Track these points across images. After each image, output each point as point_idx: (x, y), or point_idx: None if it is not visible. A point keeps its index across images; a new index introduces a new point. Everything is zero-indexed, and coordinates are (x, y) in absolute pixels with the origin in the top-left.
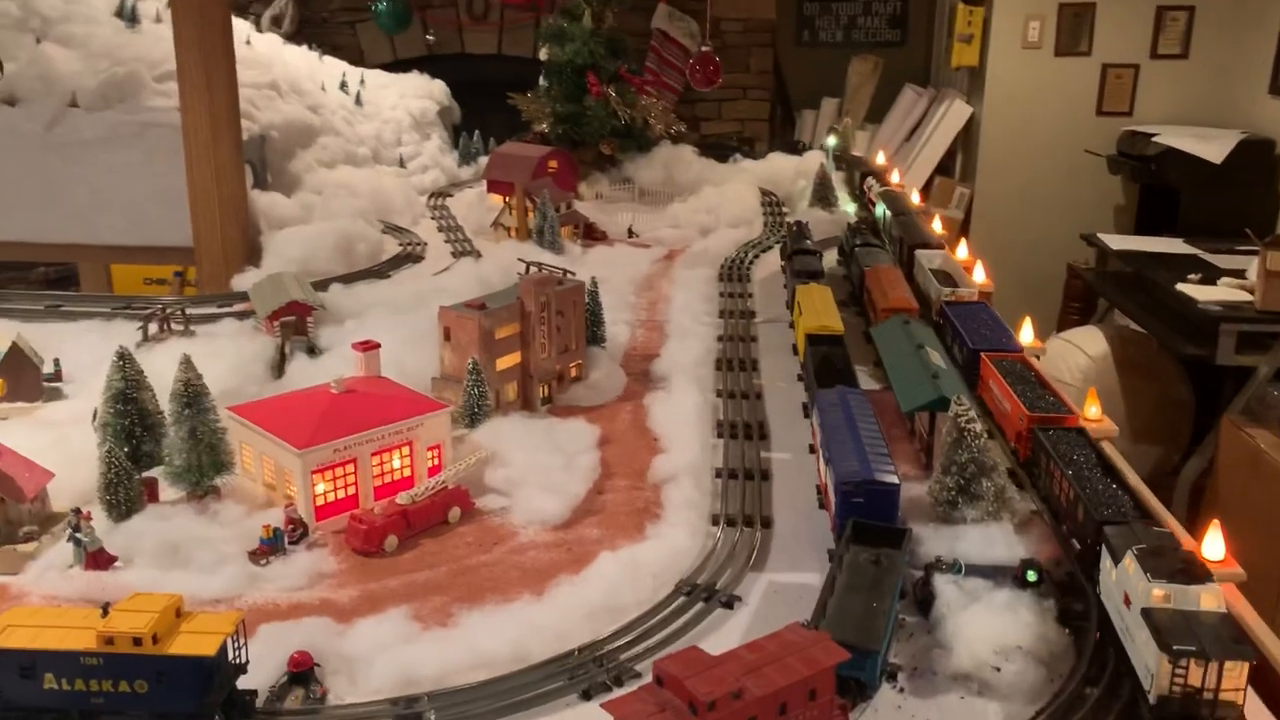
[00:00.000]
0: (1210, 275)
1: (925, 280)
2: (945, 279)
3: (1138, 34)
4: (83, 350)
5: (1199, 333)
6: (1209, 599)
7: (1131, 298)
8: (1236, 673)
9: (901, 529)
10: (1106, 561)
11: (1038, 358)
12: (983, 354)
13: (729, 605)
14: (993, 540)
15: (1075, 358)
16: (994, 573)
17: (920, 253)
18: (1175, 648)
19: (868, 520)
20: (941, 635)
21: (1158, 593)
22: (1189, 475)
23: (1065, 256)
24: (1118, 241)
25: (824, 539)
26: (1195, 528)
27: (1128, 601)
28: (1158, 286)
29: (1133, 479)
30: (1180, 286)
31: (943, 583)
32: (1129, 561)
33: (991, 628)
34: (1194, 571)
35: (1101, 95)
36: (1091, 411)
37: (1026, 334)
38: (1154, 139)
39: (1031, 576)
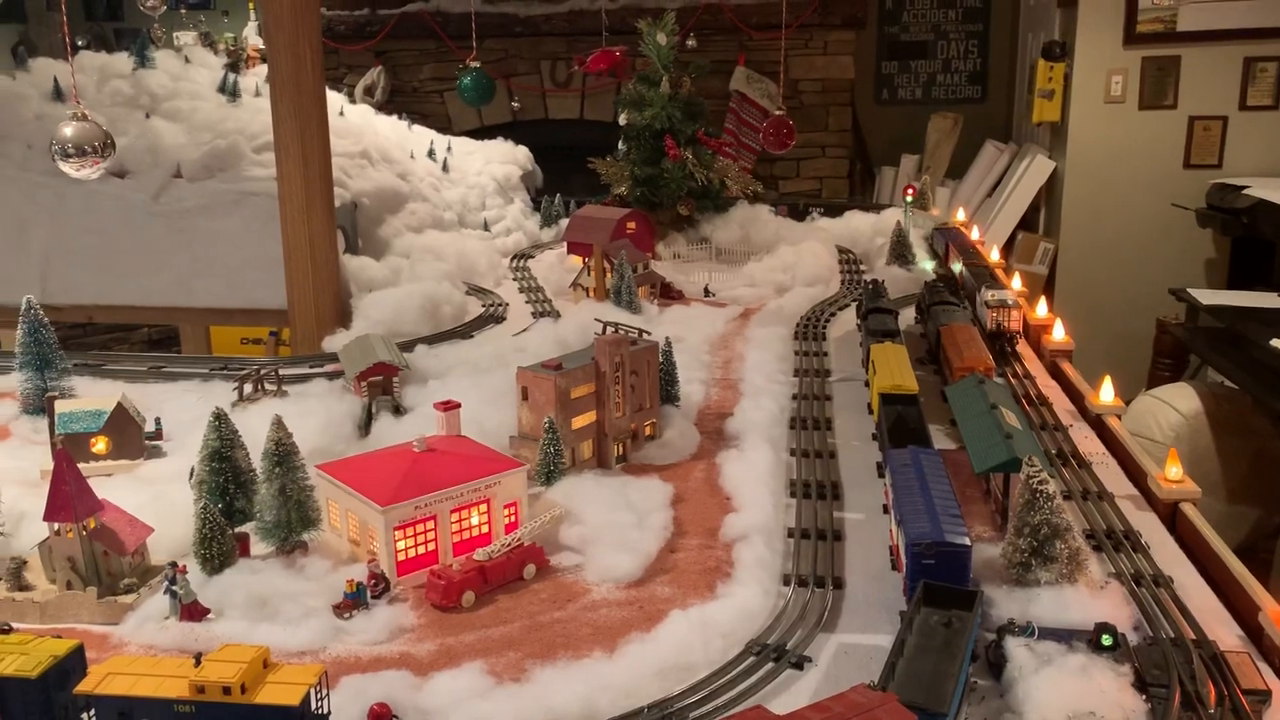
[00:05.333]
0: None
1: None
2: (940, 221)
3: (1225, 86)
4: (181, 410)
5: None
6: (1011, 294)
7: (1224, 353)
8: (1016, 315)
9: (973, 591)
10: (977, 295)
11: (1118, 417)
12: (949, 243)
13: (799, 666)
14: (1066, 603)
15: (1166, 415)
16: (1068, 636)
17: (918, 213)
18: (990, 304)
19: (939, 582)
20: (1013, 699)
21: (990, 295)
22: None
23: (1154, 312)
24: (1209, 296)
25: (896, 600)
26: None
27: (984, 305)
28: (1251, 342)
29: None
30: (1275, 342)
31: (1015, 645)
32: (983, 290)
33: (1064, 692)
34: (1005, 287)
35: (1189, 148)
36: (1172, 472)
37: (1106, 393)
38: (1245, 191)
39: (1107, 641)
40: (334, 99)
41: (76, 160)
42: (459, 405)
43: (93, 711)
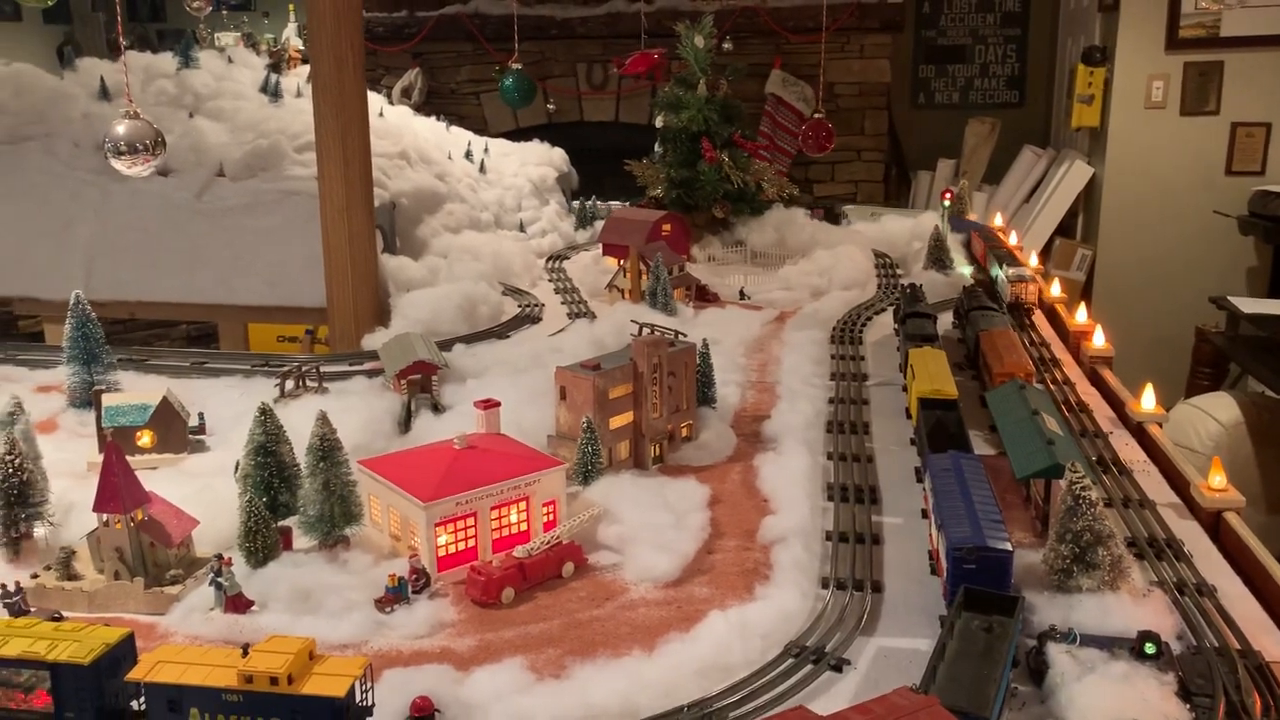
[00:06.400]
0: None
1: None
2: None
3: (1269, 92)
4: (224, 405)
5: None
6: (1028, 270)
7: (1266, 363)
8: (1033, 288)
9: (1014, 596)
10: (998, 272)
11: (1160, 425)
12: (972, 231)
13: (838, 668)
14: (1109, 610)
15: (1205, 425)
16: (1110, 643)
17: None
18: (1010, 277)
19: (980, 587)
20: (1055, 705)
21: (1008, 270)
22: None
23: (1193, 320)
24: (1250, 304)
25: (935, 605)
26: None
27: (1005, 281)
28: None
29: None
30: None
31: (1057, 652)
32: (1002, 268)
33: (1107, 700)
34: (1022, 263)
35: (1231, 154)
36: (1215, 481)
37: (1148, 400)
38: None
39: (1150, 649)
40: (374, 100)
41: (128, 158)
42: (499, 404)
43: (142, 698)
